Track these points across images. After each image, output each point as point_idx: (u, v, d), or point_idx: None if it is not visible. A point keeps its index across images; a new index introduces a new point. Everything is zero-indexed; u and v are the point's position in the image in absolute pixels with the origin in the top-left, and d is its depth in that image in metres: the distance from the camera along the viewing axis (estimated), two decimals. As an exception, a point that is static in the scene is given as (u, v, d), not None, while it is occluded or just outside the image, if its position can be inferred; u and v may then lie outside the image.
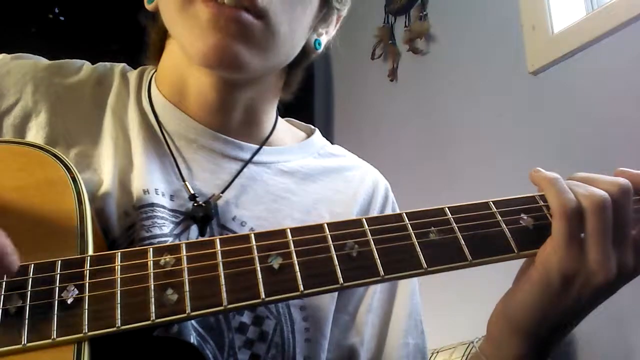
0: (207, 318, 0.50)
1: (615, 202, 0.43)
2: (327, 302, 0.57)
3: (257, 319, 0.52)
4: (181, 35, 0.53)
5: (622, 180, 0.44)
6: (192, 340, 0.47)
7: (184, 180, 0.55)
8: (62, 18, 1.95)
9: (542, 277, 0.43)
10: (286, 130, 0.67)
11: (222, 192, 0.56)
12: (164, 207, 0.53)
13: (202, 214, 0.53)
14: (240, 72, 0.54)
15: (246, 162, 0.59)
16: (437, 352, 1.26)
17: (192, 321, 0.49)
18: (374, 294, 0.61)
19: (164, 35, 0.60)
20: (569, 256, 0.42)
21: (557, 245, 0.42)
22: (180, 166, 0.56)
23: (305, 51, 0.60)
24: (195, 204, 0.54)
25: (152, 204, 0.52)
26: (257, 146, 0.61)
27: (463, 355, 1.18)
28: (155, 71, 0.63)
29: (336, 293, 0.58)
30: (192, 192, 0.54)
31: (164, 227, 0.52)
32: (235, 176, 0.58)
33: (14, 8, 1.85)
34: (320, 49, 0.62)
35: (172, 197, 0.54)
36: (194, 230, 0.53)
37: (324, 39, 0.62)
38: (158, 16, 0.58)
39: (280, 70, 0.61)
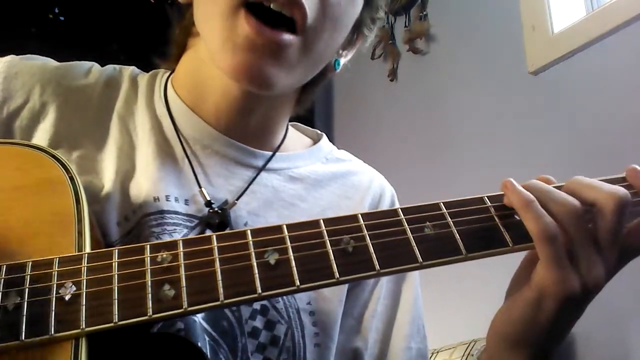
0: (220, 322, 0.50)
1: (606, 211, 0.42)
2: (336, 307, 0.57)
3: (269, 324, 0.53)
4: (213, 42, 0.52)
5: (620, 189, 0.43)
6: (201, 344, 0.47)
7: (200, 187, 0.55)
8: (62, 18, 1.96)
9: (538, 298, 0.43)
10: (294, 137, 0.67)
11: (237, 198, 0.56)
12: (176, 212, 0.53)
13: (218, 220, 0.53)
14: (268, 91, 0.53)
15: (259, 170, 0.59)
16: (437, 352, 1.26)
17: (205, 325, 0.49)
18: (379, 299, 0.62)
19: (188, 34, 0.59)
20: (564, 277, 0.41)
21: (547, 268, 0.42)
22: (196, 171, 0.56)
23: (325, 70, 0.61)
24: (211, 210, 0.54)
25: (162, 211, 0.52)
26: (269, 153, 0.61)
27: (463, 355, 1.18)
28: (171, 73, 0.62)
29: (344, 298, 0.59)
30: (208, 198, 0.55)
31: (175, 234, 0.52)
32: (250, 183, 0.58)
33: (14, 8, 1.86)
34: (338, 69, 0.62)
35: (187, 202, 0.54)
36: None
37: (343, 61, 0.63)
38: (187, 11, 0.57)
39: (297, 88, 0.61)
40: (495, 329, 0.47)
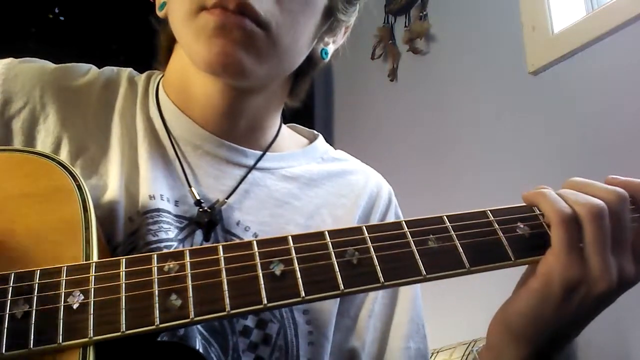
0: (211, 322, 0.51)
1: (612, 210, 0.43)
2: (330, 305, 0.58)
3: (261, 323, 0.53)
4: (187, 44, 0.54)
5: (618, 188, 0.44)
6: (197, 344, 0.48)
7: (190, 186, 0.56)
8: (62, 18, 1.95)
9: (544, 287, 0.43)
10: (289, 136, 0.68)
11: (227, 198, 0.57)
12: (169, 212, 0.54)
13: (207, 219, 0.54)
14: (243, 80, 0.55)
15: (250, 168, 0.60)
16: (437, 352, 1.27)
17: (197, 325, 0.49)
18: (376, 299, 0.62)
19: (172, 40, 0.60)
20: (571, 265, 0.42)
21: (557, 254, 0.43)
22: (186, 172, 0.57)
23: (312, 60, 0.61)
24: (201, 210, 0.54)
25: (158, 209, 0.53)
26: (260, 152, 0.61)
27: (463, 355, 1.19)
28: (163, 75, 0.63)
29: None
30: (198, 197, 0.55)
31: (170, 232, 0.52)
32: (240, 182, 0.58)
33: (14, 8, 1.85)
34: (327, 58, 0.63)
35: (176, 203, 0.55)
36: (198, 235, 0.54)
37: (331, 48, 0.63)
38: (167, 22, 0.59)
39: (286, 78, 0.62)
40: (499, 322, 0.47)
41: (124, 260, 0.41)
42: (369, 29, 1.93)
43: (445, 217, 0.45)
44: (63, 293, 0.39)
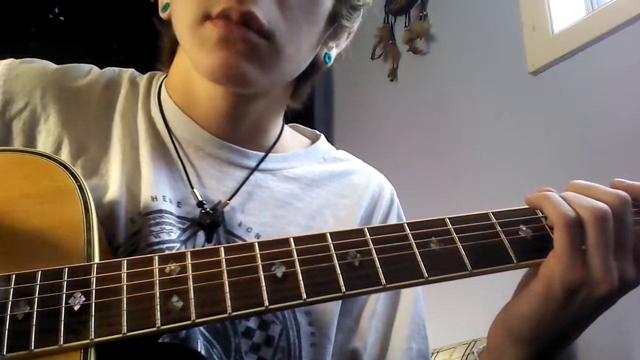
0: (213, 323, 0.51)
1: (615, 214, 0.43)
2: (332, 306, 0.58)
3: (263, 324, 0.53)
4: (190, 52, 0.55)
5: (621, 191, 0.45)
6: (198, 346, 0.48)
7: (192, 187, 0.56)
8: (62, 18, 1.95)
9: (545, 289, 0.43)
10: (291, 137, 0.68)
11: (229, 199, 0.57)
12: (171, 213, 0.54)
13: (209, 220, 0.54)
14: (247, 89, 0.55)
15: (252, 170, 0.60)
16: (437, 352, 1.27)
17: (199, 327, 0.49)
18: (378, 299, 0.62)
19: (175, 42, 0.60)
20: (573, 267, 0.42)
21: (560, 256, 0.43)
22: (188, 173, 0.57)
23: (315, 65, 0.61)
24: (203, 211, 0.54)
25: (160, 211, 0.53)
26: (262, 154, 0.61)
27: (463, 355, 1.19)
28: (166, 76, 0.63)
29: None
30: (200, 199, 0.55)
31: (172, 233, 0.52)
32: (242, 184, 0.58)
33: (14, 8, 1.85)
34: (330, 63, 0.63)
35: (179, 204, 0.55)
36: (200, 236, 0.54)
37: (334, 52, 0.63)
38: (170, 23, 0.59)
39: (289, 83, 0.62)
40: (500, 324, 0.47)
41: (125, 261, 0.41)
42: (369, 29, 1.93)
43: (447, 219, 0.45)
44: (64, 294, 0.39)
